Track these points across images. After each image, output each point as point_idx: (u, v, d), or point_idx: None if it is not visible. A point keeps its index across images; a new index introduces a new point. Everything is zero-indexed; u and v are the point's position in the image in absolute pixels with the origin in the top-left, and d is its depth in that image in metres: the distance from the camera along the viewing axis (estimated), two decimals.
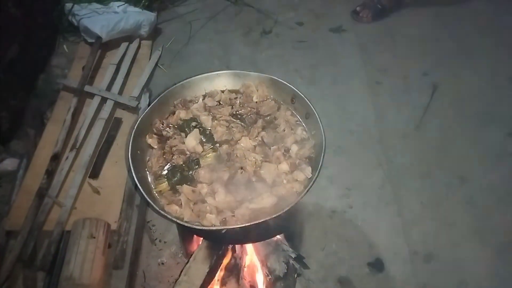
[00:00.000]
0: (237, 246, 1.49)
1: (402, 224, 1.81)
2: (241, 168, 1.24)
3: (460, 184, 1.95)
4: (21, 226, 1.68)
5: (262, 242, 1.48)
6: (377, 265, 1.68)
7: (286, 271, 1.50)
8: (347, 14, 2.78)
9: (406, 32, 2.67)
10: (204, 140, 1.32)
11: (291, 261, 1.52)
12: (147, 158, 1.30)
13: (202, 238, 1.46)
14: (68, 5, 2.49)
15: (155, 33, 2.64)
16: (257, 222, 1.08)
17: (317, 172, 1.19)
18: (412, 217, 1.83)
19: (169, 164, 1.28)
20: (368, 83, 2.39)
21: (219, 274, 1.47)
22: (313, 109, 1.31)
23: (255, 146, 1.31)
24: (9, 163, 1.96)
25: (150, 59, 2.48)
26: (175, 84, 1.42)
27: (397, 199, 1.89)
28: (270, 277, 1.49)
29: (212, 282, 1.43)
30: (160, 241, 1.75)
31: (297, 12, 2.83)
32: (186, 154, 1.29)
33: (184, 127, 1.34)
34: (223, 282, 1.50)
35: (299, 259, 1.54)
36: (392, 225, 1.81)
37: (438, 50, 2.56)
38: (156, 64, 2.46)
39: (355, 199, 1.89)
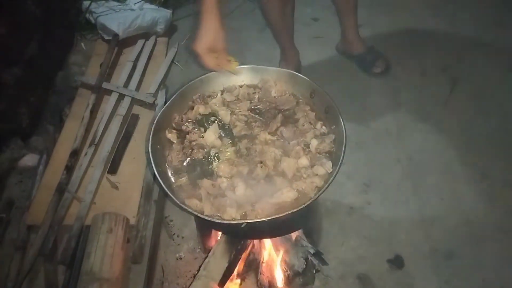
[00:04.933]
0: (256, 241, 1.49)
1: (422, 220, 1.78)
2: (261, 162, 1.23)
3: (481, 180, 1.90)
4: (41, 220, 1.70)
5: (280, 237, 1.47)
6: (397, 262, 1.66)
7: (304, 266, 1.50)
8: (363, 9, 2.74)
9: (424, 27, 2.62)
10: (223, 135, 1.31)
11: (310, 257, 1.51)
12: (167, 153, 1.30)
13: (220, 233, 1.46)
14: (86, 3, 2.53)
15: (171, 30, 2.65)
16: (278, 216, 1.07)
17: (338, 167, 1.17)
18: (432, 213, 1.80)
19: (188, 158, 1.28)
20: (386, 78, 2.35)
21: (238, 269, 1.47)
22: (334, 103, 1.29)
23: (274, 141, 1.30)
24: (30, 159, 1.99)
25: (166, 56, 2.49)
26: (194, 79, 1.42)
27: (416, 195, 1.86)
28: (288, 272, 1.49)
29: (231, 277, 1.43)
30: (178, 236, 1.76)
31: (312, 8, 2.81)
32: (205, 148, 1.29)
33: (203, 122, 1.34)
34: (241, 277, 1.50)
35: (318, 255, 1.53)
36: (412, 222, 1.78)
37: (457, 44, 2.51)
38: (172, 61, 2.47)
39: (373, 195, 1.87)
